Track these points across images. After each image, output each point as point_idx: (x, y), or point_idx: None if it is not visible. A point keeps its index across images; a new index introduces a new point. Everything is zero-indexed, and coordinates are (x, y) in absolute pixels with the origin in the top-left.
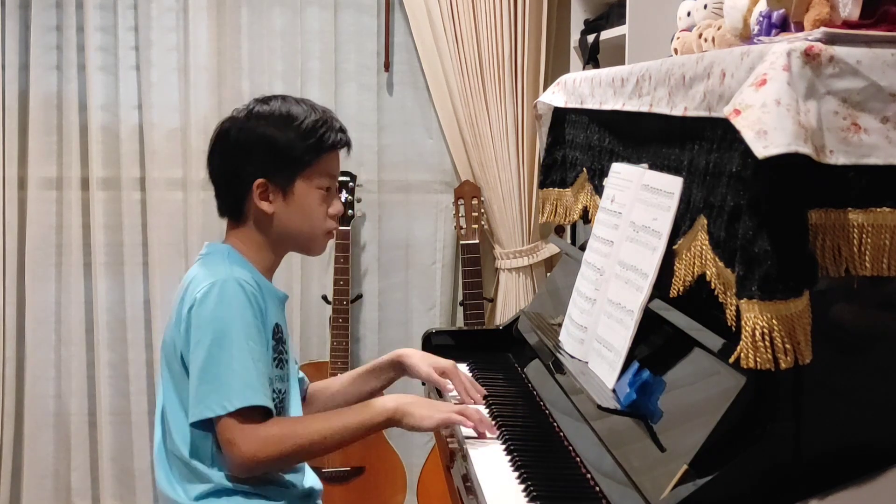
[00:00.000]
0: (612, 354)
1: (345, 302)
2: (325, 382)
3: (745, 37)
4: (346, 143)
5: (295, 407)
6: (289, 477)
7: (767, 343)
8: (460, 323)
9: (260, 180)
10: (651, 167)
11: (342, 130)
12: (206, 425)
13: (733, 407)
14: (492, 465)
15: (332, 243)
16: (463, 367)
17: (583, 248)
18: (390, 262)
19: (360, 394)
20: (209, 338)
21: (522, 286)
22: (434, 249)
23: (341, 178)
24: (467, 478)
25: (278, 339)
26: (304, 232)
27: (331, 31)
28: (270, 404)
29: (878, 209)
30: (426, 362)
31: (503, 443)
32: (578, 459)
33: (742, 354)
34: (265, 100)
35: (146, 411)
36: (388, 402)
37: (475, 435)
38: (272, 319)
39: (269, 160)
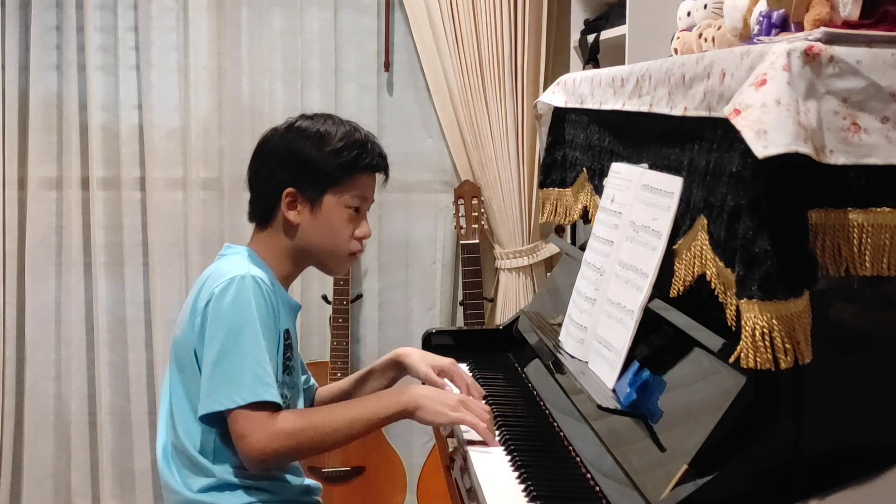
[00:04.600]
0: (612, 354)
1: (345, 302)
2: (330, 388)
3: (745, 37)
4: (382, 168)
5: None
6: (289, 475)
7: (767, 343)
8: (460, 323)
9: (289, 189)
10: (651, 167)
11: (381, 156)
12: (212, 420)
13: (733, 407)
14: (492, 464)
15: None
16: (463, 368)
17: (583, 248)
18: (390, 261)
19: (362, 395)
20: (223, 332)
21: (522, 286)
22: (434, 249)
23: None
24: (467, 478)
25: (287, 345)
26: (326, 248)
27: (331, 31)
28: (280, 400)
29: (878, 209)
30: (425, 361)
31: (503, 443)
32: (578, 459)
33: (742, 354)
34: (310, 116)
35: (146, 411)
36: (400, 394)
37: (476, 435)
38: (283, 324)
39: (301, 172)
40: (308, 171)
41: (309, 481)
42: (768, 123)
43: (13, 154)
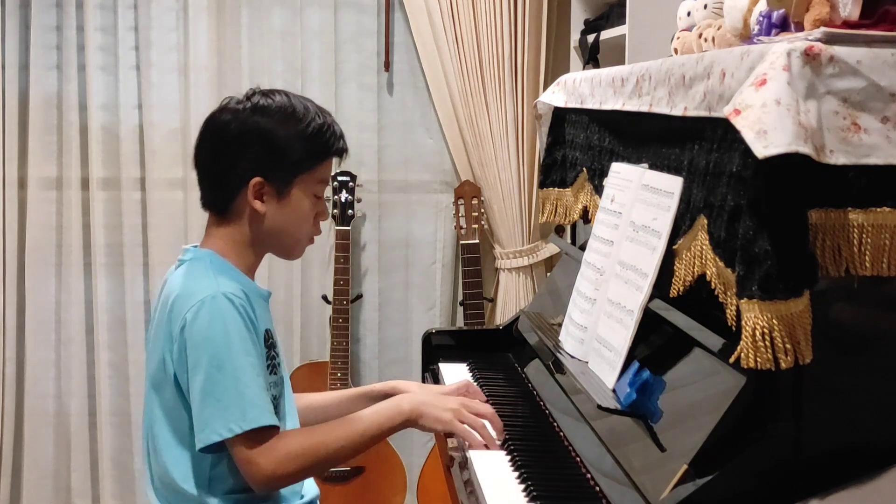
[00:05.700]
0: (612, 354)
1: (345, 302)
2: (311, 398)
3: (745, 37)
4: (346, 151)
5: (290, 410)
6: (286, 492)
7: (767, 343)
8: (460, 323)
9: (257, 179)
10: (651, 167)
11: (342, 137)
12: (207, 449)
13: (733, 407)
14: (492, 465)
15: (332, 243)
16: (463, 367)
17: (583, 248)
18: (390, 262)
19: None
20: (206, 360)
21: (522, 286)
22: (434, 249)
23: (341, 178)
24: (467, 478)
25: (270, 344)
26: (290, 235)
27: (331, 31)
28: (276, 420)
29: (878, 209)
30: (433, 391)
31: (503, 443)
32: (578, 459)
33: (742, 354)
34: (268, 93)
35: None
36: (402, 404)
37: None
38: (262, 326)
39: (269, 158)
40: (277, 158)
41: (309, 494)
42: (768, 123)
43: (13, 154)
